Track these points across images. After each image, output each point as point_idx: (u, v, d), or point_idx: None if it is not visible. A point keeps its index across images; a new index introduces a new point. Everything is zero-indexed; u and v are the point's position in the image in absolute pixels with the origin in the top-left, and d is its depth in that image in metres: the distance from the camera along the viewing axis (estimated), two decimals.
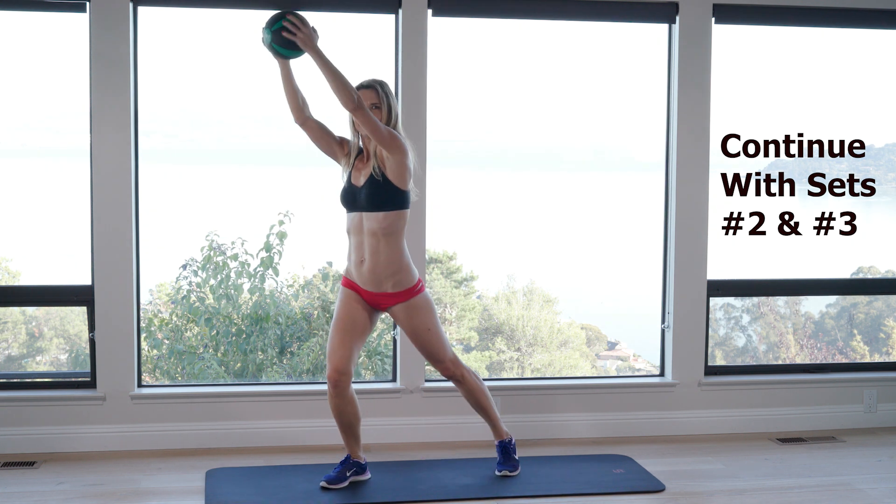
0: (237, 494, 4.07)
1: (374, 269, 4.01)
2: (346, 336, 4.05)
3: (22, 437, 4.62)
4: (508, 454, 4.39)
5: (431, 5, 4.74)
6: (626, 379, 5.39)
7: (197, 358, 5.53)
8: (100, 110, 4.58)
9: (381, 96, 3.98)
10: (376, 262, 4.00)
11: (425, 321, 4.11)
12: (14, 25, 4.90)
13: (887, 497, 4.16)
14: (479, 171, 6.20)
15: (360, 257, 4.04)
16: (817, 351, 6.15)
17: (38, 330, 5.70)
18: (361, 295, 4.08)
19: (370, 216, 3.98)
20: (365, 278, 4.04)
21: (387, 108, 3.99)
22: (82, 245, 4.73)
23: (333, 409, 4.10)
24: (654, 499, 4.14)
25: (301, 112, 4.04)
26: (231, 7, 4.79)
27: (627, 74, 5.60)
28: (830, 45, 5.45)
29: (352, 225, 4.06)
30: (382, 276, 4.02)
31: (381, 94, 3.98)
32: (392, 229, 3.98)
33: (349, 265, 4.11)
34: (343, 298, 4.11)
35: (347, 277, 4.12)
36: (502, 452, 4.39)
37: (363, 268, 4.03)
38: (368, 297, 4.07)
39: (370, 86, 3.99)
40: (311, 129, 4.07)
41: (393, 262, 4.00)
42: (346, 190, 4.06)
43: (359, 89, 3.97)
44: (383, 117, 3.98)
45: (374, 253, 3.99)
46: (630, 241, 6.07)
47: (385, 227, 3.97)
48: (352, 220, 4.06)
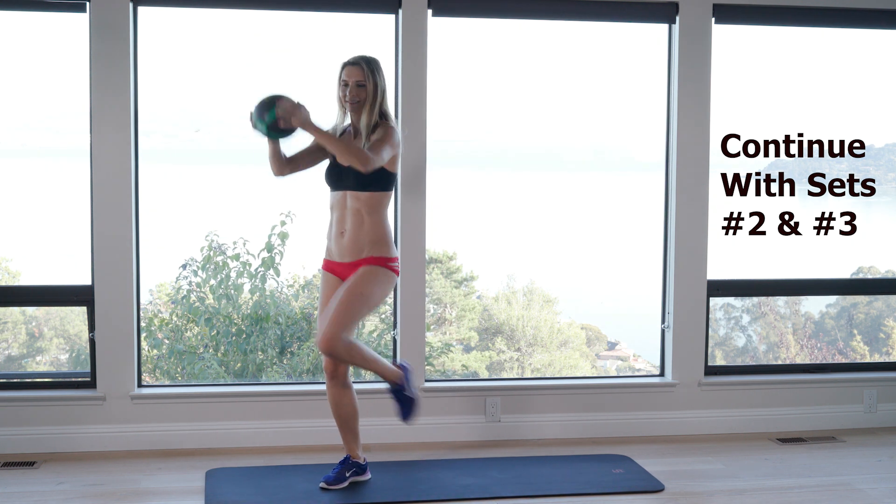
0: (237, 494, 4.07)
1: (355, 238, 3.98)
2: None
3: (22, 437, 4.62)
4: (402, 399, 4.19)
5: (431, 5, 4.74)
6: (626, 379, 5.39)
7: (197, 358, 5.53)
8: (100, 110, 4.58)
9: (367, 73, 3.94)
10: (358, 233, 3.98)
11: (367, 287, 3.95)
12: (14, 25, 4.90)
13: (887, 497, 4.16)
14: (479, 171, 6.19)
15: (340, 229, 4.02)
16: (817, 351, 6.14)
17: (38, 330, 5.70)
18: (339, 275, 4.05)
19: (355, 194, 3.97)
20: (344, 249, 4.01)
21: (372, 85, 3.94)
22: (82, 245, 4.73)
23: (331, 399, 4.10)
24: (654, 499, 4.14)
25: (285, 165, 4.03)
26: (231, 7, 4.79)
27: (627, 74, 5.59)
28: (830, 45, 5.45)
29: (335, 202, 4.04)
30: (363, 243, 3.98)
31: (367, 71, 3.94)
32: (376, 206, 3.98)
33: (328, 242, 4.09)
34: (324, 283, 4.10)
35: (327, 258, 4.10)
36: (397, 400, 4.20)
37: (343, 239, 4.00)
38: (345, 273, 4.03)
39: (356, 62, 3.95)
40: (295, 166, 4.07)
41: (375, 231, 3.99)
42: (330, 168, 4.05)
43: (345, 66, 3.96)
44: (369, 95, 3.94)
45: (356, 226, 3.98)
46: (630, 241, 6.06)
47: (371, 205, 3.96)
48: (335, 197, 4.04)
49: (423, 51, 4.74)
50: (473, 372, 6.12)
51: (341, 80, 3.98)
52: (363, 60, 3.97)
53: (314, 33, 5.13)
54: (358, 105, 3.96)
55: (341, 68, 3.98)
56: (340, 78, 3.98)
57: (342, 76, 3.97)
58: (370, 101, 3.95)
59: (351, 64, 3.96)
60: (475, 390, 4.96)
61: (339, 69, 3.99)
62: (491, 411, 4.94)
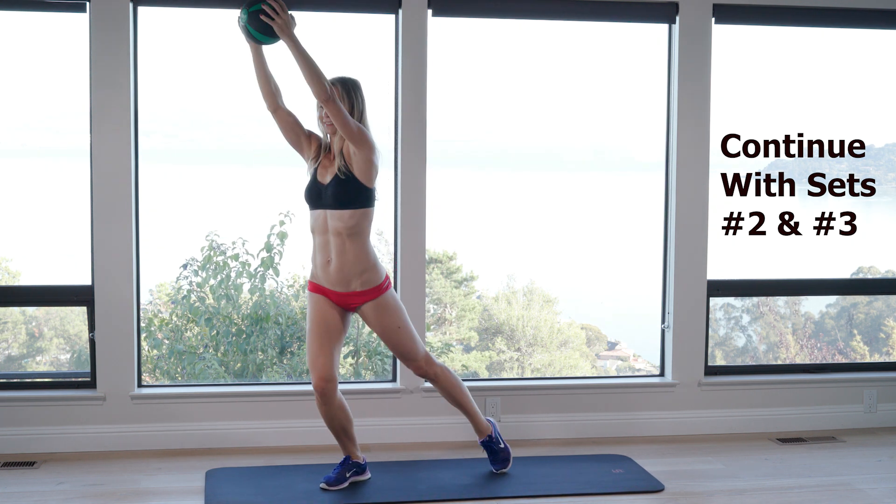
0: (237, 494, 4.07)
1: (341, 269, 3.97)
2: (324, 342, 4.02)
3: (22, 437, 4.62)
4: (494, 451, 4.37)
5: (431, 5, 4.74)
6: (626, 379, 5.39)
7: (197, 358, 5.53)
8: (100, 110, 4.58)
9: (342, 95, 3.94)
10: (343, 262, 3.96)
11: (395, 319, 4.08)
12: (14, 25, 4.90)
13: (887, 497, 4.16)
14: (479, 171, 6.20)
15: (325, 258, 4.00)
16: (817, 351, 6.15)
17: (38, 330, 5.71)
18: (330, 297, 4.04)
19: (335, 214, 3.94)
20: (332, 279, 4.00)
21: (348, 105, 3.94)
22: (82, 245, 4.73)
23: (324, 416, 4.08)
24: (654, 499, 4.14)
25: (273, 98, 4.01)
26: (232, 7, 4.79)
27: (627, 74, 5.60)
28: (830, 45, 5.45)
29: (316, 224, 4.02)
30: (350, 276, 3.98)
31: (342, 92, 3.94)
32: (357, 229, 3.95)
33: (314, 268, 4.06)
34: (313, 304, 4.07)
35: (314, 281, 4.07)
36: (489, 451, 4.38)
37: (330, 268, 3.99)
38: (337, 299, 4.03)
39: (332, 84, 3.92)
40: (281, 118, 4.05)
41: (360, 260, 3.97)
42: (310, 187, 4.03)
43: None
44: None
45: (340, 253, 3.96)
46: (630, 242, 6.07)
47: (351, 226, 3.93)
48: (316, 217, 4.02)
49: (423, 51, 4.74)
50: (473, 372, 6.12)
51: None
52: (339, 82, 3.96)
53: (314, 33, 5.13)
54: (333, 127, 3.95)
55: None
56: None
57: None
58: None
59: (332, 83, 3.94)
60: (475, 390, 4.95)
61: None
62: (491, 411, 4.94)
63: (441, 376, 4.22)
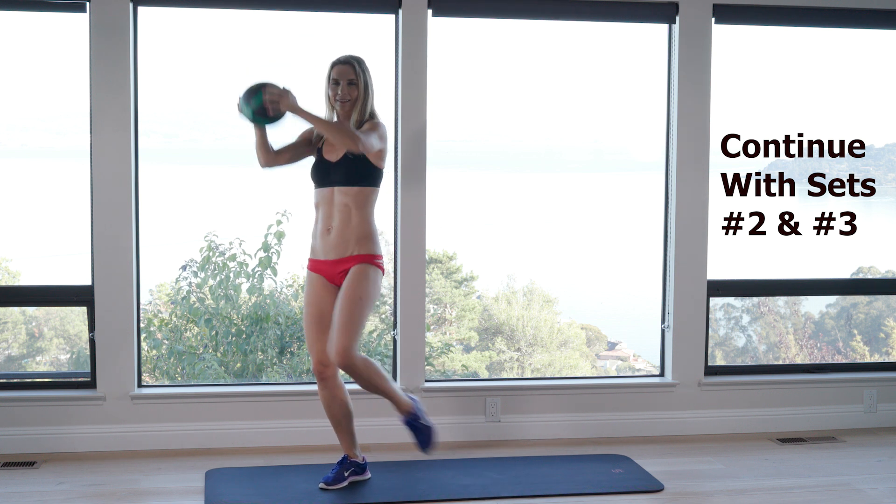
0: (237, 494, 4.07)
1: (342, 234, 3.97)
2: (320, 326, 4.03)
3: (22, 437, 4.62)
4: (418, 429, 4.19)
5: (431, 5, 4.74)
6: (626, 379, 5.39)
7: (197, 358, 5.53)
8: (100, 110, 4.58)
9: (358, 72, 3.97)
10: (345, 228, 3.97)
11: (366, 290, 3.97)
12: (14, 25, 4.90)
13: (887, 497, 4.16)
14: (479, 171, 6.20)
15: (326, 226, 4.00)
16: (817, 351, 6.15)
17: (38, 330, 5.71)
18: (324, 274, 4.04)
19: (343, 190, 3.96)
20: (330, 245, 3.99)
21: (363, 85, 3.98)
22: (82, 245, 4.73)
23: (323, 400, 4.10)
24: (654, 499, 4.14)
25: (270, 156, 4.04)
26: (231, 7, 4.79)
27: (627, 74, 5.60)
28: (830, 45, 5.45)
29: (321, 198, 4.03)
30: (350, 239, 3.97)
31: (358, 70, 3.98)
32: (365, 202, 3.98)
33: (313, 241, 4.07)
34: (308, 286, 4.09)
35: (312, 258, 4.08)
36: (414, 430, 4.18)
37: (330, 236, 3.99)
38: (331, 271, 4.02)
39: (347, 62, 3.97)
40: (283, 158, 4.07)
41: (363, 227, 3.98)
42: (317, 164, 4.04)
43: (335, 65, 3.97)
44: (360, 93, 3.97)
45: (343, 221, 3.97)
46: (630, 241, 6.07)
47: (359, 200, 3.96)
48: (321, 194, 4.02)
49: (423, 51, 4.74)
50: (473, 372, 6.13)
51: (331, 79, 3.98)
52: (354, 59, 3.99)
53: (314, 33, 5.14)
54: (349, 103, 3.98)
55: (331, 67, 3.99)
56: (330, 77, 3.99)
57: (332, 75, 3.98)
58: (361, 99, 3.98)
59: (342, 63, 3.98)
60: (475, 390, 4.96)
61: (328, 68, 4.00)
62: (491, 411, 4.94)
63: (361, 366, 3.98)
